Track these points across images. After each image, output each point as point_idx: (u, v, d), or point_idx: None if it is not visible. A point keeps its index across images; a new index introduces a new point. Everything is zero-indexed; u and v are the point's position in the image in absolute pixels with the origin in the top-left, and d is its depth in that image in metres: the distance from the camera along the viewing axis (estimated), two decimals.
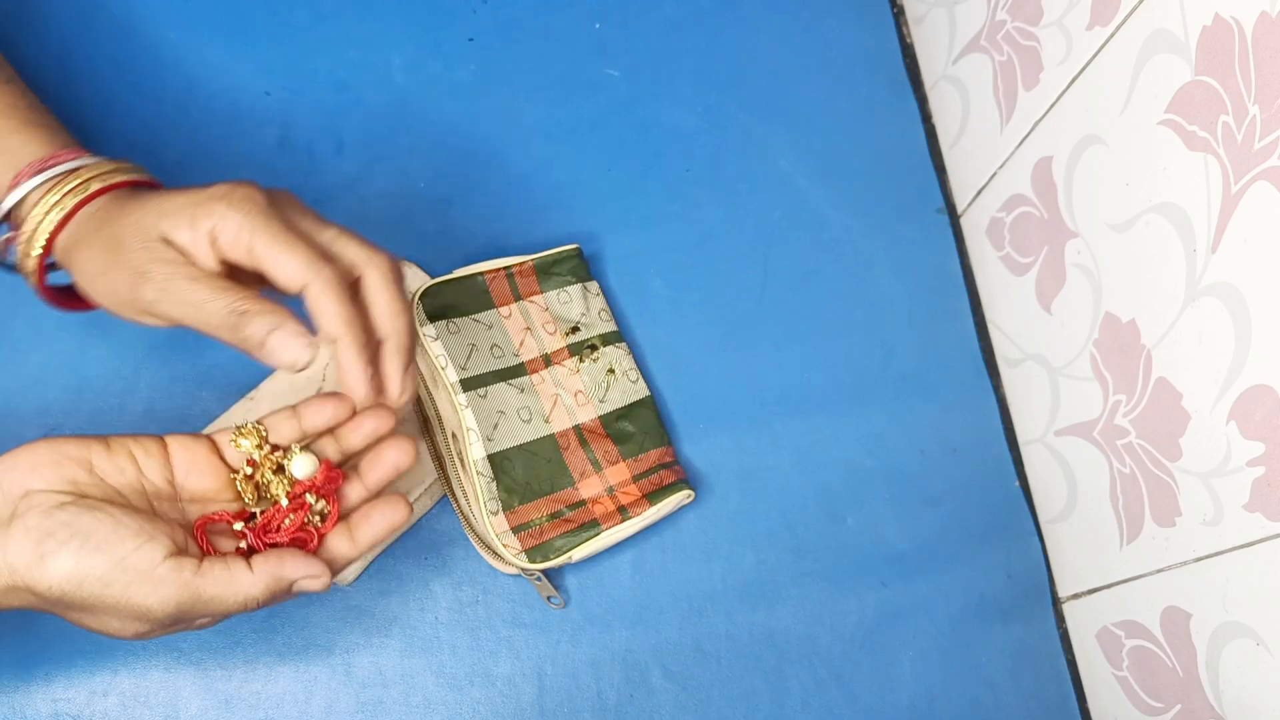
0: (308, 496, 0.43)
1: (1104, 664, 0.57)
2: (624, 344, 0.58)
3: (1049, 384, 0.60)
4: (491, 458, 0.53)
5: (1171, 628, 0.52)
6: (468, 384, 0.53)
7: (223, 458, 0.44)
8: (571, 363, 0.57)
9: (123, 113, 0.60)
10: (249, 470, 0.44)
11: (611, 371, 0.57)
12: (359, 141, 0.62)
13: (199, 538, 0.42)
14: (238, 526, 0.43)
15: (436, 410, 0.55)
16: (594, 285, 0.59)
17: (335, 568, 0.43)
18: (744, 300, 0.63)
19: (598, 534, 0.53)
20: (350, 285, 0.44)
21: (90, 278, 0.43)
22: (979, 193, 0.65)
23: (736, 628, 0.57)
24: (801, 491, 0.60)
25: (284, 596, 0.41)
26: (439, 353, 0.54)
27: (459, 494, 0.54)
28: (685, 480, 0.56)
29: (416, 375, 0.49)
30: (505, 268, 0.58)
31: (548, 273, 0.59)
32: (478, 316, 0.56)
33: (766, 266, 0.64)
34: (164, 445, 0.43)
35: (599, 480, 0.55)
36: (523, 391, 0.55)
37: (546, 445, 0.55)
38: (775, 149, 0.67)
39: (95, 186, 0.44)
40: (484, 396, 0.54)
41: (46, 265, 0.46)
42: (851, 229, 0.66)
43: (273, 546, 0.43)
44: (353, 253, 0.44)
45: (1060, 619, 0.60)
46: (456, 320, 0.55)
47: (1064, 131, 0.56)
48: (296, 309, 0.42)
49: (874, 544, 0.59)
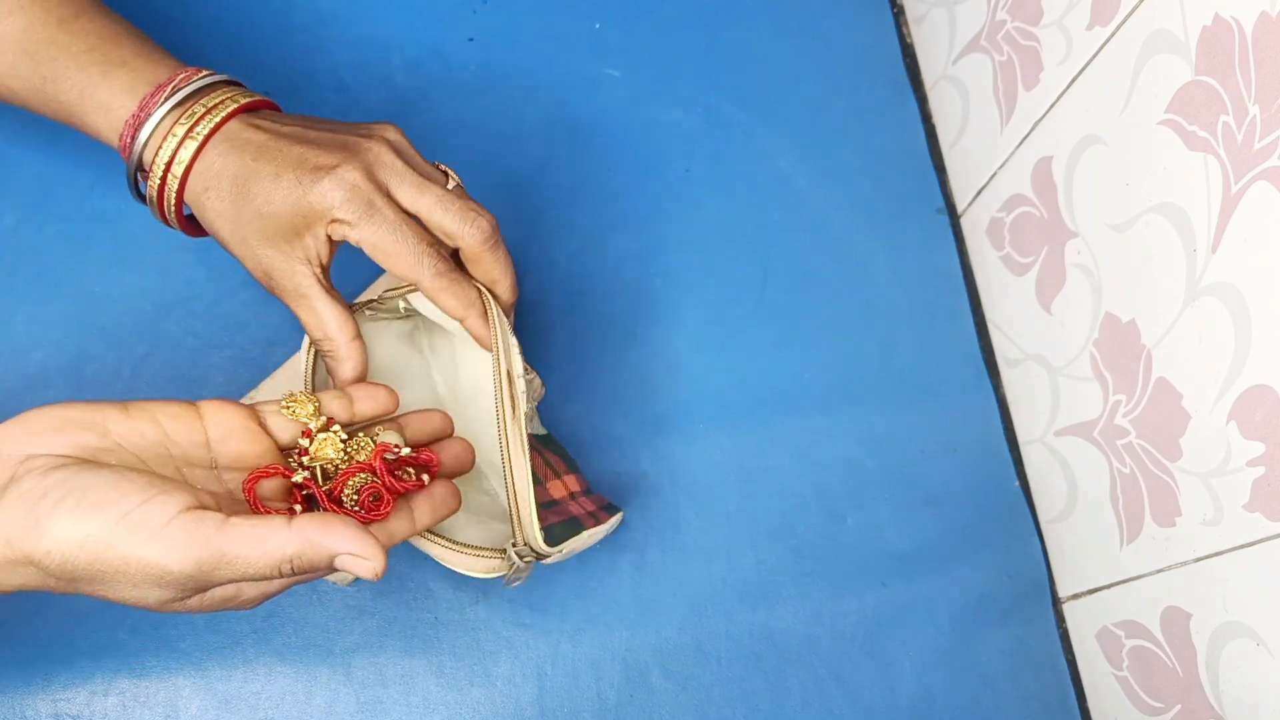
0: (406, 472, 0.42)
1: (1104, 664, 0.57)
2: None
3: (1049, 384, 0.60)
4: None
5: (1171, 628, 0.52)
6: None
7: (264, 427, 0.41)
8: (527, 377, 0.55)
9: None
10: (305, 442, 0.41)
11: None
12: None
13: (248, 495, 0.38)
14: (298, 479, 0.39)
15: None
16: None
17: (388, 544, 0.40)
18: (744, 300, 0.63)
19: (580, 532, 0.51)
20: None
21: (220, 243, 0.46)
22: (979, 193, 0.65)
23: (736, 628, 0.57)
24: (801, 491, 0.60)
25: (322, 571, 0.36)
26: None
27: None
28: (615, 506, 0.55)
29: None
30: None
31: None
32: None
33: (766, 266, 0.64)
34: (196, 410, 0.39)
35: (561, 485, 0.53)
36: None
37: (524, 458, 0.52)
38: (775, 149, 0.67)
39: (213, 122, 0.45)
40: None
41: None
42: (851, 229, 0.66)
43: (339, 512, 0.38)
44: (451, 222, 0.46)
45: (1060, 619, 0.60)
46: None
47: (1064, 131, 0.56)
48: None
49: (874, 544, 0.59)
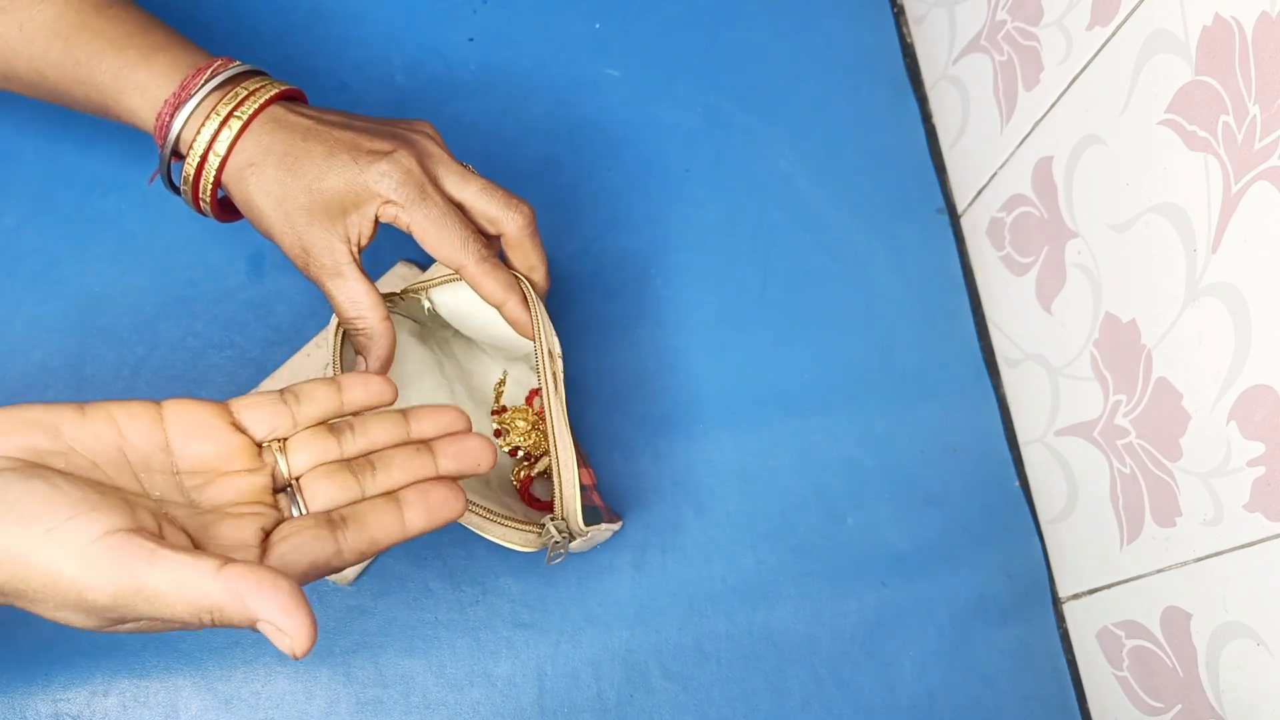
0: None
1: (1104, 664, 0.57)
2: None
3: (1049, 384, 0.60)
4: None
5: (1171, 628, 0.52)
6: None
7: (237, 424, 0.39)
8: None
9: None
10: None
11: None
12: None
13: (522, 494, 0.39)
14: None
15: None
16: None
17: (369, 552, 0.38)
18: (744, 300, 0.63)
19: (600, 523, 0.51)
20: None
21: (254, 222, 0.47)
22: (979, 193, 0.65)
23: (736, 628, 0.57)
24: (801, 491, 0.60)
25: (244, 625, 0.33)
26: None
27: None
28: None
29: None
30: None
31: None
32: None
33: (766, 266, 0.64)
34: (158, 410, 0.37)
35: (586, 474, 0.54)
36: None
37: (569, 433, 0.51)
38: (775, 149, 0.67)
39: (257, 104, 0.46)
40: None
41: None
42: (851, 229, 0.66)
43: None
44: (495, 209, 0.48)
45: (1060, 619, 0.60)
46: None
47: (1064, 131, 0.56)
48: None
49: (874, 544, 0.59)
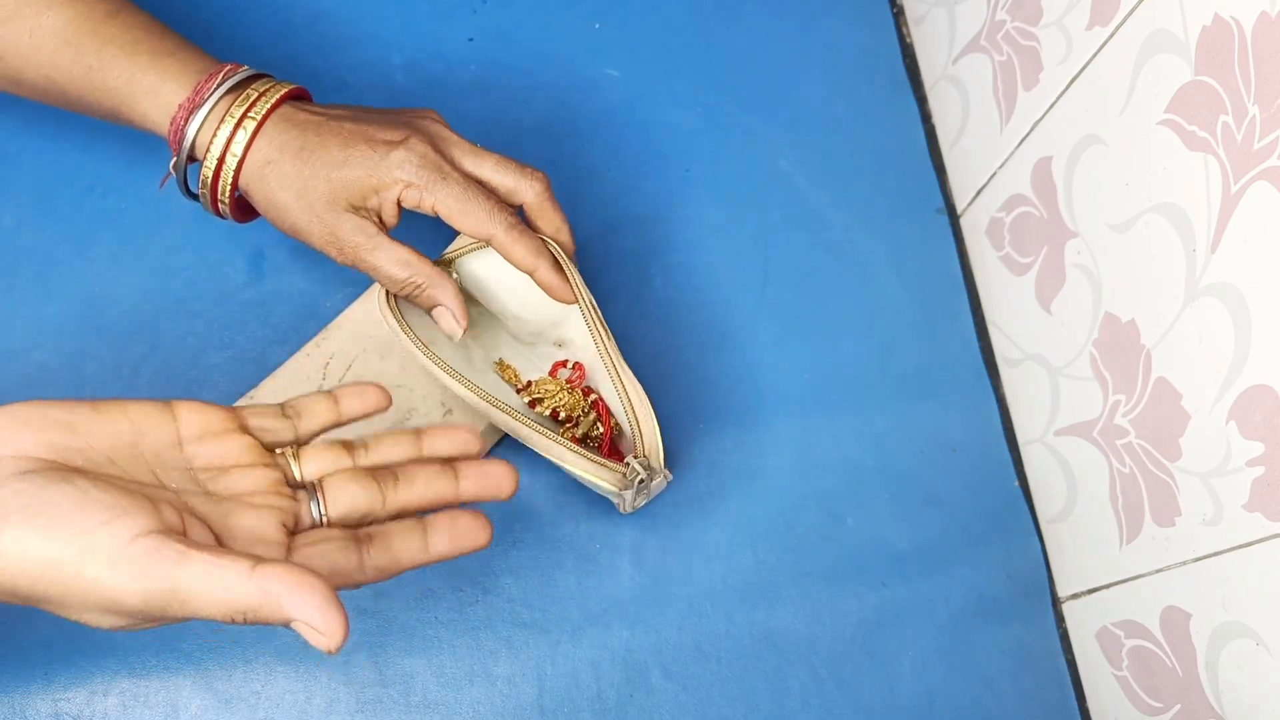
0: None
1: (1103, 664, 0.57)
2: None
3: (1049, 384, 0.60)
4: None
5: (1171, 627, 0.52)
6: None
7: (247, 428, 0.39)
8: None
9: None
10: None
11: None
12: None
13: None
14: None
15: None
16: None
17: (390, 571, 0.38)
18: (744, 300, 0.63)
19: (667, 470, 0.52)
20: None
21: (275, 220, 0.48)
22: (978, 193, 0.65)
23: (736, 627, 0.57)
24: (801, 491, 0.60)
25: (277, 624, 0.33)
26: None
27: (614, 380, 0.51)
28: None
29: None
30: None
31: None
32: None
33: (766, 266, 0.64)
34: (169, 409, 0.38)
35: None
36: None
37: (629, 368, 0.54)
38: (775, 149, 0.67)
39: (268, 104, 0.48)
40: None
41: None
42: (851, 229, 0.66)
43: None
44: (511, 180, 0.50)
45: (1060, 619, 0.60)
46: None
47: (1064, 131, 0.56)
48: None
49: (874, 544, 0.59)
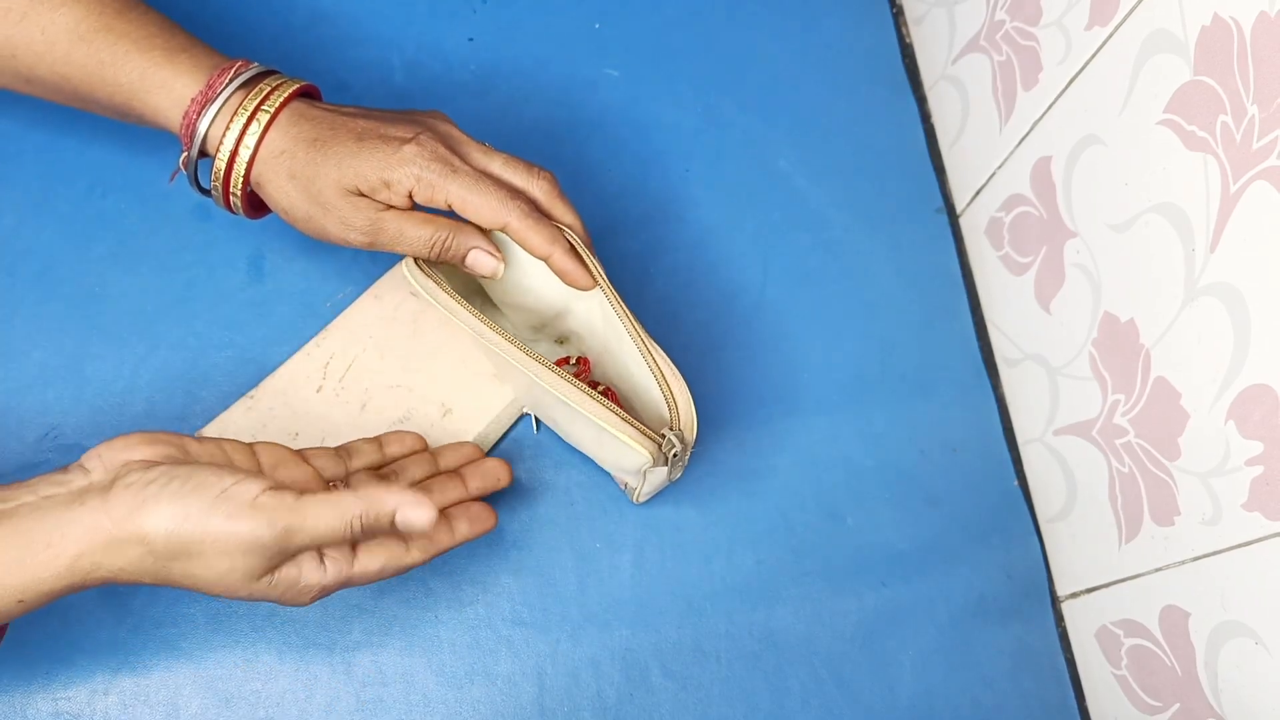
0: None
1: (1103, 663, 0.57)
2: None
3: (1048, 383, 0.60)
4: None
5: (1170, 627, 0.52)
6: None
7: (308, 462, 0.49)
8: None
9: None
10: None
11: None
12: None
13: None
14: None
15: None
16: None
17: (433, 551, 0.47)
18: (744, 300, 0.63)
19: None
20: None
21: (287, 211, 0.49)
22: (978, 193, 0.66)
23: (736, 627, 0.57)
24: (801, 491, 0.60)
25: (385, 527, 0.41)
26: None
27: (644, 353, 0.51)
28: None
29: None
30: None
31: None
32: None
33: (766, 266, 0.64)
34: (249, 448, 0.47)
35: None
36: None
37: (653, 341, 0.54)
38: (775, 149, 0.67)
39: (281, 98, 0.48)
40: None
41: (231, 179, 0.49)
42: (851, 229, 0.66)
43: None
44: (519, 180, 0.51)
45: (1059, 618, 0.61)
46: None
47: (1063, 131, 0.56)
48: None
49: (873, 544, 0.59)
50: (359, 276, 0.59)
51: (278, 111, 0.48)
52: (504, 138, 0.64)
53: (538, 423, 0.58)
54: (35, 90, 0.50)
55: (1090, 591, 0.58)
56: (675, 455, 0.49)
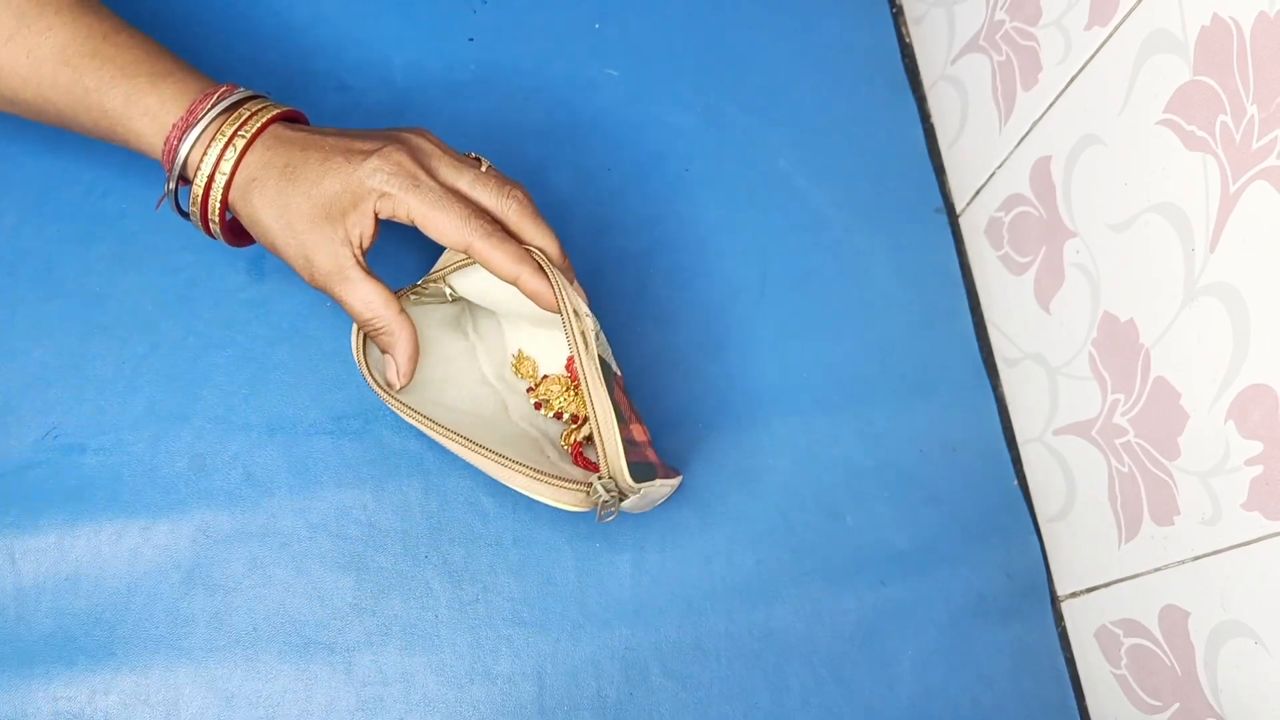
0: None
1: (1102, 662, 0.58)
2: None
3: (1047, 383, 0.60)
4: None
5: (1170, 626, 0.52)
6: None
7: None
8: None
9: None
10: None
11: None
12: None
13: (575, 457, 0.52)
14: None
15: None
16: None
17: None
18: (743, 300, 0.63)
19: (654, 479, 0.50)
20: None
21: (261, 237, 0.48)
22: (977, 192, 0.66)
23: (736, 626, 0.57)
24: (801, 491, 0.60)
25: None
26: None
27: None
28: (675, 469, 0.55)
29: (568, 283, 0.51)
30: None
31: None
32: None
33: (766, 266, 0.64)
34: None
35: (641, 430, 0.53)
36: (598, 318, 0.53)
37: (608, 372, 0.51)
38: (775, 149, 0.67)
39: (259, 123, 0.48)
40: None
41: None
42: (851, 229, 0.66)
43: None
44: (489, 198, 0.49)
45: (1059, 618, 0.61)
46: None
47: (1062, 131, 0.56)
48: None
49: (873, 543, 0.59)
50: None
51: (254, 136, 0.47)
52: (504, 138, 0.64)
53: None
54: (19, 111, 0.50)
55: (1090, 591, 0.58)
56: (605, 503, 0.49)
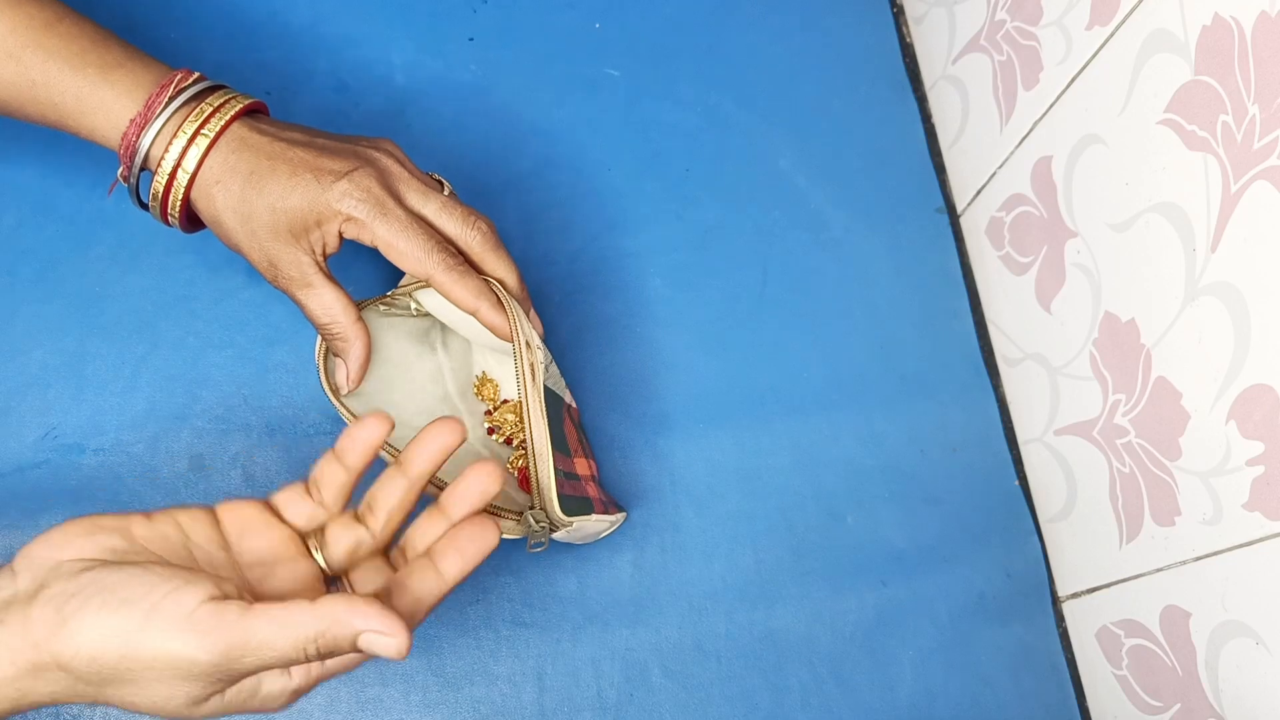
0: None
1: (1103, 663, 0.57)
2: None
3: (1048, 383, 0.60)
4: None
5: (1171, 627, 0.52)
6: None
7: (281, 518, 0.41)
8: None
9: None
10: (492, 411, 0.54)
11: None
12: None
13: (521, 482, 0.50)
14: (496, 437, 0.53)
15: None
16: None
17: (418, 612, 0.39)
18: (744, 300, 0.63)
19: (589, 514, 0.51)
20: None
21: (224, 239, 0.48)
22: (978, 192, 0.66)
23: (736, 627, 0.57)
24: (801, 491, 0.60)
25: (345, 652, 0.35)
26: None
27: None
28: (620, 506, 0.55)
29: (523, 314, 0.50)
30: None
31: None
32: None
33: (766, 266, 0.64)
34: (213, 513, 0.40)
35: (586, 464, 0.54)
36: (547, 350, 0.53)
37: (557, 404, 0.52)
38: (775, 149, 0.67)
39: (223, 120, 0.47)
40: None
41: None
42: (851, 229, 0.66)
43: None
44: (454, 227, 0.49)
45: (1060, 618, 0.61)
46: None
47: (1063, 131, 0.56)
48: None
49: (874, 543, 0.59)
50: (360, 276, 0.59)
51: (218, 135, 0.46)
52: (504, 137, 0.64)
53: None
54: None
55: (1091, 592, 0.58)
56: (535, 532, 0.49)
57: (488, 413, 0.57)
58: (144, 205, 0.49)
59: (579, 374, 0.60)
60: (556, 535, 0.50)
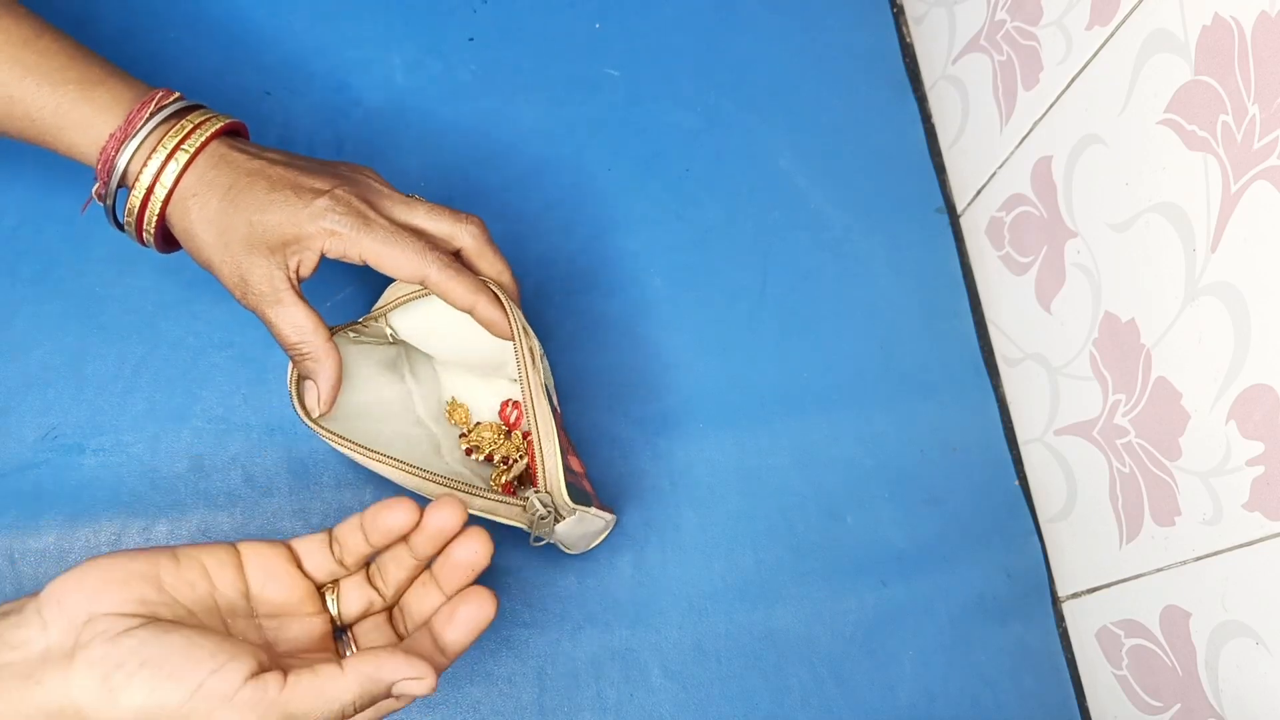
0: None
1: (1103, 663, 0.57)
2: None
3: (1048, 383, 0.60)
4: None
5: (1171, 627, 0.52)
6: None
7: (301, 566, 0.42)
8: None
9: None
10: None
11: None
12: (359, 141, 0.62)
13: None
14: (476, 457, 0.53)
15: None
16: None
17: (436, 661, 0.41)
18: (744, 300, 0.63)
19: (590, 505, 0.51)
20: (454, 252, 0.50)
21: (195, 254, 0.47)
22: (978, 192, 0.66)
23: (736, 627, 0.57)
24: (801, 491, 0.60)
25: (383, 699, 0.38)
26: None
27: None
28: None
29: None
30: None
31: None
32: None
33: (766, 266, 0.64)
34: (237, 553, 0.41)
35: (577, 462, 0.54)
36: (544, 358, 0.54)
37: (547, 404, 0.52)
38: (775, 149, 0.67)
39: (203, 137, 0.46)
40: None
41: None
42: (851, 229, 0.66)
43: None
44: (446, 227, 0.49)
45: (1060, 618, 0.61)
46: None
47: (1063, 131, 0.56)
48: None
49: (874, 543, 0.59)
50: (359, 276, 0.59)
51: (198, 151, 0.46)
52: (503, 137, 0.64)
53: None
54: None
55: (1091, 592, 0.58)
56: (543, 518, 0.49)
57: (463, 435, 0.56)
58: (119, 225, 0.49)
59: (579, 374, 0.60)
60: (559, 527, 0.50)
